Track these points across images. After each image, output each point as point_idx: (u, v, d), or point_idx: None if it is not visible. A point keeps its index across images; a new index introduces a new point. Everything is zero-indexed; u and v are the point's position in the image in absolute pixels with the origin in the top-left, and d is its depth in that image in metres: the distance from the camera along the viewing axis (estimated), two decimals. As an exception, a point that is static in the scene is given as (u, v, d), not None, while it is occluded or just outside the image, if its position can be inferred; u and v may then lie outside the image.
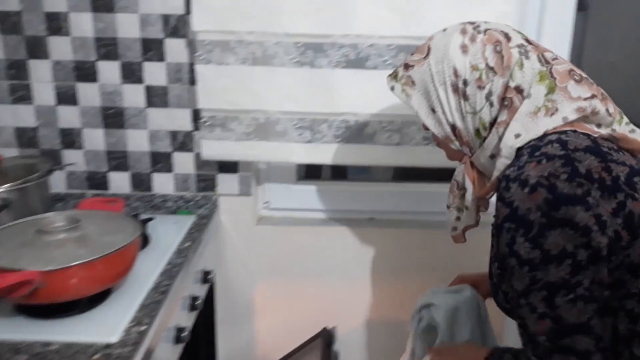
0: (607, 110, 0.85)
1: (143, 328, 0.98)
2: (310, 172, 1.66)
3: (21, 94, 1.44)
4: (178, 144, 1.49)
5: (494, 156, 0.89)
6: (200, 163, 1.50)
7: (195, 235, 1.39)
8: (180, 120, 1.46)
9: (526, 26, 1.42)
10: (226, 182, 1.53)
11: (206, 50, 1.33)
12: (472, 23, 0.92)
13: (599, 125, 0.86)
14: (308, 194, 1.62)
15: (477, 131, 0.90)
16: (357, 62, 1.33)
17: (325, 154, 1.42)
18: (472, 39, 0.89)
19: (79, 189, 1.52)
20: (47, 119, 1.46)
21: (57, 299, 0.97)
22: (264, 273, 1.62)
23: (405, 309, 1.61)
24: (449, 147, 0.96)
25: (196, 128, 1.47)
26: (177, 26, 1.38)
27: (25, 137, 1.48)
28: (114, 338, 0.94)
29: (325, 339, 1.60)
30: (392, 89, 0.96)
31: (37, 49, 1.41)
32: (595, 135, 0.84)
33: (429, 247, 1.57)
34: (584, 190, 0.75)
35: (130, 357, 0.90)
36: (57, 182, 1.50)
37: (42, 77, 1.43)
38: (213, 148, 1.43)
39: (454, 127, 0.92)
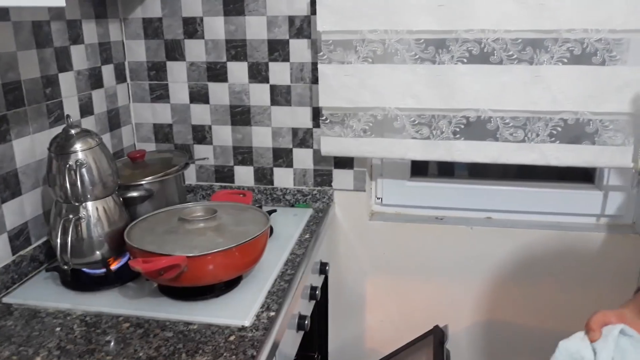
0: None
1: (272, 314, 1.04)
2: (416, 169, 1.64)
3: (159, 93, 1.58)
4: (298, 141, 1.55)
5: None
6: (318, 159, 1.55)
7: (313, 228, 1.44)
8: (301, 117, 1.52)
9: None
10: (341, 178, 1.57)
11: (329, 50, 1.37)
12: None
13: None
14: (421, 191, 1.62)
15: None
16: (481, 57, 1.31)
17: (443, 150, 1.41)
18: None
19: (207, 182, 1.63)
20: (181, 116, 1.59)
21: (197, 283, 1.05)
22: (376, 268, 1.64)
23: (518, 312, 1.57)
24: None
25: (316, 125, 1.52)
26: (301, 27, 1.44)
27: (161, 132, 1.62)
28: (247, 322, 1.01)
29: (437, 336, 1.59)
30: None
31: (174, 51, 1.53)
32: None
33: (549, 249, 1.51)
34: None
35: (263, 341, 0.96)
36: (189, 175, 1.62)
37: (178, 77, 1.55)
38: (331, 144, 1.47)
39: None
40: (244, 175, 1.61)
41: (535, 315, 1.57)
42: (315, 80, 1.47)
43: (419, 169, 1.65)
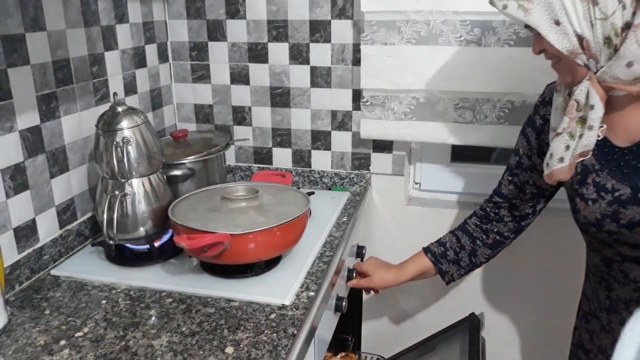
0: None
1: (312, 294, 1.05)
2: (453, 154, 1.61)
3: (200, 74, 1.59)
4: (337, 123, 1.54)
5: (631, 64, 0.81)
6: (357, 142, 1.55)
7: (351, 212, 1.44)
8: (341, 100, 1.51)
9: None
10: (380, 161, 1.56)
11: (372, 31, 1.35)
12: None
13: None
14: (461, 176, 1.60)
15: (607, 39, 0.82)
16: (529, 39, 1.27)
17: (486, 135, 1.38)
18: None
19: (246, 163, 1.65)
20: (221, 97, 1.60)
21: (239, 261, 1.07)
22: (412, 253, 1.62)
23: (557, 302, 1.54)
24: (571, 65, 0.88)
25: (355, 108, 1.51)
26: (344, 7, 1.42)
27: (202, 113, 1.63)
28: (287, 301, 1.01)
29: (473, 324, 1.58)
30: (505, 7, 0.87)
31: (216, 31, 1.54)
32: None
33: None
34: None
35: (303, 320, 0.97)
36: (228, 156, 1.64)
37: (219, 58, 1.56)
38: (371, 127, 1.46)
39: (581, 38, 0.83)
40: (282, 157, 1.61)
41: (575, 306, 1.54)
42: (356, 62, 1.46)
43: (456, 154, 1.63)
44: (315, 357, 1.07)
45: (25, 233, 1.10)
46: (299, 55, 1.49)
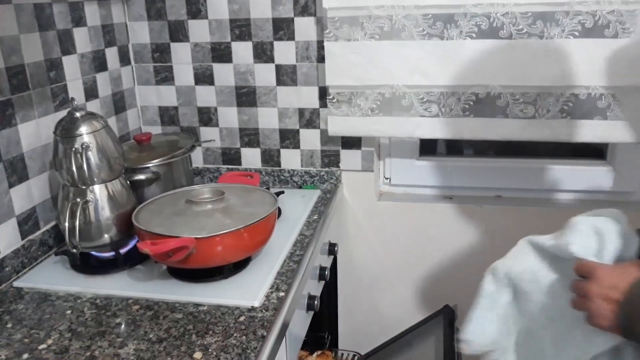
0: None
1: (282, 294, 1.04)
2: (424, 148, 1.62)
3: (164, 75, 1.56)
4: (305, 121, 1.53)
5: None
6: (325, 139, 1.54)
7: (321, 209, 1.43)
8: (308, 97, 1.50)
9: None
10: (349, 158, 1.56)
11: (335, 27, 1.35)
12: None
13: None
14: (430, 170, 1.60)
15: None
16: (490, 31, 1.28)
17: (452, 128, 1.39)
18: None
19: (214, 164, 1.63)
20: (186, 98, 1.57)
21: (206, 264, 1.05)
22: (385, 248, 1.63)
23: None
24: None
25: (322, 105, 1.50)
26: (306, 4, 1.41)
27: (167, 115, 1.60)
28: (256, 302, 1.00)
29: (447, 316, 1.59)
30: None
31: (178, 32, 1.51)
32: None
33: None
34: None
35: (272, 321, 0.96)
36: (196, 158, 1.62)
37: (182, 59, 1.53)
38: (339, 124, 1.45)
39: None
40: (251, 157, 1.60)
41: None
42: (321, 59, 1.45)
43: (427, 148, 1.63)
44: (287, 358, 1.06)
45: (-16, 245, 1.07)
46: (263, 53, 1.48)
